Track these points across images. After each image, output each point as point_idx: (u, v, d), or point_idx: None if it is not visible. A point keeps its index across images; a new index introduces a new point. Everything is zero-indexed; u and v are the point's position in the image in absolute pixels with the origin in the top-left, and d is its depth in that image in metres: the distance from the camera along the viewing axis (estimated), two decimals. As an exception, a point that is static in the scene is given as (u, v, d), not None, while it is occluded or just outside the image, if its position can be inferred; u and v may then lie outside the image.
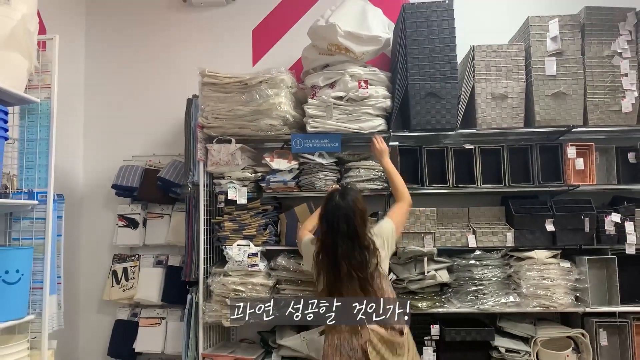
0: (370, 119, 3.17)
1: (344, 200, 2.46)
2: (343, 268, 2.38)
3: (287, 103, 3.14)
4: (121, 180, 3.63)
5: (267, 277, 3.11)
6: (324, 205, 2.54)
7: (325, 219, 2.49)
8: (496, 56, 3.17)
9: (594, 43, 3.14)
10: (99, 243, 3.85)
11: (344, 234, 2.40)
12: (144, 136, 3.88)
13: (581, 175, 3.18)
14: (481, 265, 3.09)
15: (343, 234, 2.40)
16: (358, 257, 2.39)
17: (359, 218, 2.44)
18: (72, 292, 3.68)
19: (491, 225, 3.25)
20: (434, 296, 3.12)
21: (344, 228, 2.40)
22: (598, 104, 3.12)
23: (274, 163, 3.21)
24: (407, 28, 3.14)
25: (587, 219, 3.09)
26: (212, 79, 3.17)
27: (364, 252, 2.41)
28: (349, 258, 2.38)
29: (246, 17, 3.87)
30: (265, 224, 3.24)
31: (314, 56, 3.35)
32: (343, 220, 2.41)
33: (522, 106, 3.16)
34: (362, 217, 2.47)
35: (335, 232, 2.42)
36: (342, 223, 2.41)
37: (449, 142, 3.38)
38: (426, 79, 3.12)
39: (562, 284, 3.03)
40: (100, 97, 3.95)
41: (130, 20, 3.97)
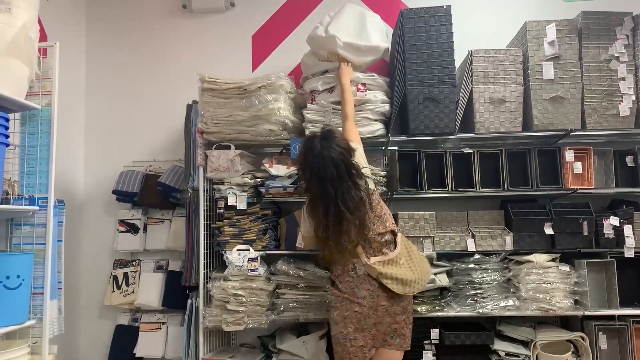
0: (369, 124, 3.19)
1: (327, 146, 2.41)
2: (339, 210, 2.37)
3: (286, 108, 3.15)
4: (121, 185, 3.64)
5: (267, 282, 3.12)
6: (303, 153, 2.48)
7: (308, 169, 2.44)
8: (494, 61, 3.18)
9: (591, 47, 3.15)
10: (99, 248, 3.86)
11: (334, 179, 2.37)
12: (144, 142, 3.89)
13: (579, 178, 3.19)
14: (480, 269, 3.10)
15: (332, 179, 2.37)
16: (355, 195, 2.41)
17: (348, 158, 2.44)
18: (72, 298, 3.69)
19: (490, 229, 3.25)
20: (434, 300, 3.12)
21: (333, 173, 2.37)
22: (596, 107, 3.13)
23: (272, 169, 3.23)
24: (405, 33, 3.16)
25: (585, 222, 3.09)
26: (211, 85, 3.19)
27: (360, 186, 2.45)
28: (345, 200, 2.38)
29: (246, 23, 3.90)
30: (265, 229, 3.25)
31: (313, 62, 3.37)
32: (331, 166, 2.37)
33: (520, 110, 3.17)
34: (350, 153, 2.47)
35: (322, 180, 2.38)
36: (329, 170, 2.37)
37: (448, 147, 3.39)
38: (424, 83, 3.13)
39: (561, 288, 3.03)
40: (100, 103, 3.97)
41: (130, 26, 3.99)
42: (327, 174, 2.36)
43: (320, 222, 2.45)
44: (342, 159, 2.40)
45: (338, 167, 2.37)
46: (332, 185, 2.37)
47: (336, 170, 2.37)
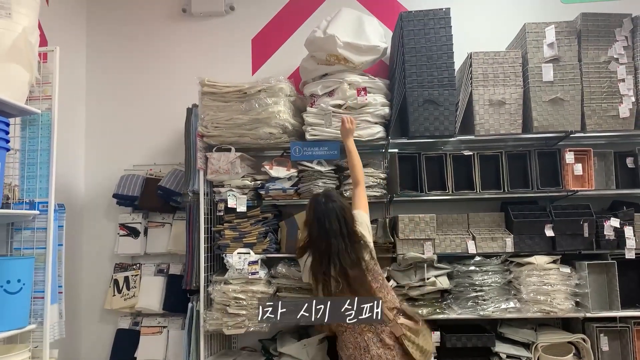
0: (369, 127, 3.19)
1: (331, 201, 2.60)
2: (336, 267, 2.48)
3: (286, 111, 3.16)
4: (122, 189, 3.65)
5: (267, 285, 3.12)
6: (311, 210, 2.64)
7: (317, 222, 2.58)
8: (493, 63, 3.19)
9: (590, 49, 3.15)
10: (100, 252, 3.86)
11: (337, 233, 2.52)
12: (144, 145, 3.90)
13: (580, 180, 3.19)
14: (481, 271, 3.09)
15: (336, 233, 2.52)
16: (352, 254, 2.51)
17: (349, 215, 2.60)
18: (73, 302, 3.68)
19: (491, 231, 3.25)
20: (435, 302, 3.11)
21: (337, 227, 2.52)
22: (595, 109, 3.13)
23: (273, 171, 3.23)
24: (404, 36, 3.17)
25: (586, 224, 3.09)
26: (211, 88, 3.20)
27: (356, 248, 2.55)
28: (342, 257, 2.49)
29: (245, 26, 3.90)
30: (265, 232, 3.25)
31: (312, 66, 3.37)
32: (335, 219, 2.54)
33: (519, 112, 3.17)
34: (351, 214, 2.64)
35: (327, 232, 2.53)
36: (334, 222, 2.53)
37: (448, 149, 3.40)
38: (424, 86, 3.14)
39: (562, 290, 3.03)
40: (100, 107, 3.97)
41: (130, 30, 4.00)
42: (332, 225, 2.53)
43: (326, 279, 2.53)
44: (342, 214, 2.57)
45: (339, 222, 2.55)
46: (335, 238, 2.52)
47: (338, 224, 2.54)
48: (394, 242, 3.19)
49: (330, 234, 2.52)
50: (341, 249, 2.50)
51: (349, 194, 3.18)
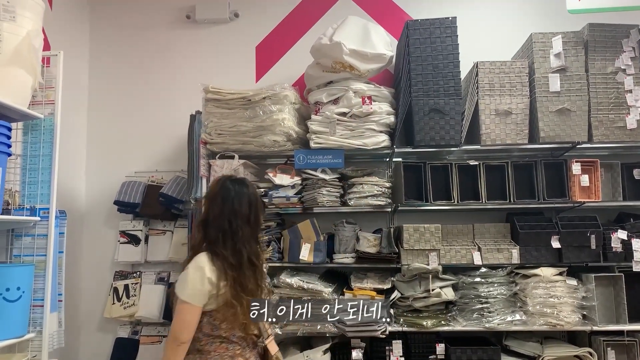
0: (374, 135, 3.17)
1: (246, 186, 2.25)
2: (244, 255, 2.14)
3: (290, 119, 3.13)
4: (123, 196, 3.61)
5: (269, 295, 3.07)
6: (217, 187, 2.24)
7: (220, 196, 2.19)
8: (500, 72, 3.17)
9: (597, 59, 3.14)
10: (100, 260, 3.81)
11: (245, 218, 2.18)
12: (146, 152, 3.87)
13: (586, 191, 3.17)
14: (487, 283, 3.06)
15: (244, 218, 2.17)
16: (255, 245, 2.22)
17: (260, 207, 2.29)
18: (72, 310, 3.63)
19: (496, 242, 3.22)
20: (439, 314, 3.08)
21: (247, 211, 2.19)
22: (602, 120, 3.11)
23: (276, 178, 3.20)
24: (410, 45, 3.15)
25: (593, 236, 3.06)
26: (215, 95, 3.17)
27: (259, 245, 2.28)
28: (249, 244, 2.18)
29: (250, 33, 3.89)
30: (268, 241, 3.21)
31: (317, 74, 3.36)
32: (246, 203, 2.19)
33: (526, 122, 3.15)
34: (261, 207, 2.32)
35: (235, 214, 2.16)
36: (244, 206, 2.18)
37: (453, 158, 3.38)
38: (430, 95, 3.12)
39: (568, 302, 2.99)
40: (103, 113, 3.94)
41: (133, 36, 3.98)
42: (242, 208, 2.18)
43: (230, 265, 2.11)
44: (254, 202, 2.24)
45: (251, 208, 2.21)
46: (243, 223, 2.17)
47: (249, 210, 2.20)
48: (399, 252, 3.15)
49: (237, 216, 2.15)
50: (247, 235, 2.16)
51: (354, 203, 3.16)
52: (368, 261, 3.19)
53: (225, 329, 2.13)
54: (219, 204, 2.19)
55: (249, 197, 2.22)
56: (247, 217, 2.19)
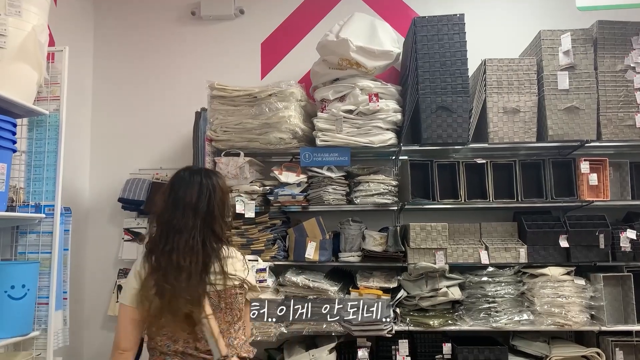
0: (381, 133, 3.14)
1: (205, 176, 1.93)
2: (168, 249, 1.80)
3: (296, 116, 3.11)
4: (127, 193, 3.58)
5: (275, 293, 3.06)
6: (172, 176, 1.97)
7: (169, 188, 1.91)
8: (508, 70, 3.14)
9: (606, 57, 3.10)
10: (104, 257, 3.79)
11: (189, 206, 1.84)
12: (151, 149, 3.83)
13: (595, 190, 3.14)
14: (494, 282, 3.04)
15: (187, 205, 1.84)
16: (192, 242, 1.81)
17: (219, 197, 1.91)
18: (77, 308, 3.62)
19: (504, 241, 3.20)
20: (446, 314, 3.06)
21: (192, 198, 1.85)
22: (611, 118, 3.08)
23: (282, 176, 3.18)
24: (417, 42, 3.12)
25: (602, 235, 3.03)
26: (221, 92, 3.15)
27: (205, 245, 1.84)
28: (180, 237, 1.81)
29: (255, 30, 3.86)
30: (274, 239, 3.19)
31: (324, 71, 3.33)
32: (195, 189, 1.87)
33: (534, 120, 3.12)
34: (223, 201, 1.94)
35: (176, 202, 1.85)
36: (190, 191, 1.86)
37: (460, 157, 3.35)
38: (437, 92, 3.09)
39: (576, 302, 2.96)
40: (107, 110, 3.92)
41: (138, 33, 3.95)
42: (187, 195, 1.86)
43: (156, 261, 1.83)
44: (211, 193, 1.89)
45: (200, 198, 1.87)
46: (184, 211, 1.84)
47: (198, 199, 1.86)
48: (405, 251, 3.13)
49: (179, 203, 1.84)
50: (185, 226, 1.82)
51: (360, 201, 3.13)
52: (374, 260, 3.17)
53: (158, 340, 1.90)
54: (166, 194, 1.90)
55: (201, 186, 1.88)
56: (193, 206, 1.84)
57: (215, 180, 1.95)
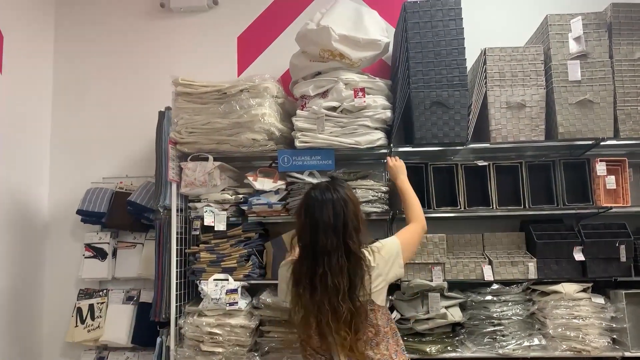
0: (368, 132, 2.81)
1: (330, 192, 2.02)
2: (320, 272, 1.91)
3: (272, 114, 2.76)
4: (87, 204, 3.24)
5: (248, 318, 2.69)
6: (302, 201, 2.08)
7: (304, 208, 2.03)
8: (511, 60, 2.82)
9: (623, 44, 2.79)
10: (64, 276, 3.44)
11: (328, 227, 1.94)
12: (116, 156, 3.51)
13: (613, 195, 2.83)
14: (499, 302, 2.74)
15: (327, 227, 1.94)
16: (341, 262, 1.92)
17: (352, 210, 2.01)
18: (33, 333, 3.31)
19: (510, 255, 2.88)
20: (445, 338, 2.74)
21: (329, 218, 1.95)
22: (630, 113, 2.76)
23: (257, 183, 2.84)
24: (408, 29, 2.81)
25: (622, 246, 2.72)
26: (186, 88, 2.81)
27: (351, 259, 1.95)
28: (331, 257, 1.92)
29: (231, 23, 3.55)
30: (248, 254, 2.83)
31: (303, 64, 3.01)
32: (330, 208, 1.96)
33: (542, 116, 2.81)
34: (357, 211, 2.04)
35: (316, 223, 1.95)
36: (327, 211, 1.96)
37: (459, 159, 3.07)
38: (431, 86, 2.78)
39: (595, 324, 2.66)
40: (69, 113, 3.59)
41: (102, 27, 3.64)
42: (323, 217, 1.96)
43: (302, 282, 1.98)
44: (341, 206, 1.98)
45: (334, 214, 1.96)
46: (325, 234, 1.94)
47: (334, 215, 1.96)
48: (398, 266, 2.77)
49: (318, 225, 1.95)
50: (331, 247, 1.92)
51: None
52: (363, 277, 2.80)
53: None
54: (302, 216, 2.04)
55: (334, 204, 1.98)
56: (332, 227, 1.95)
57: (344, 193, 2.04)
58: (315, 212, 1.97)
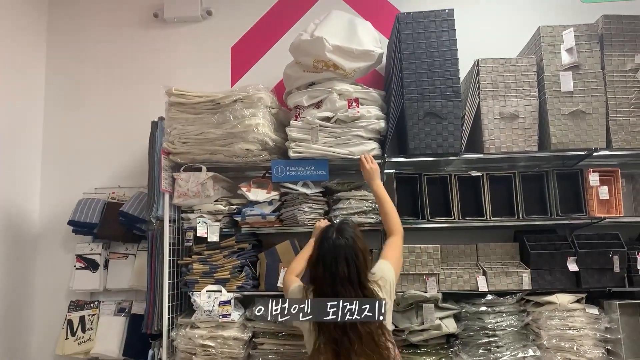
0: (362, 143, 2.80)
1: (342, 237, 2.06)
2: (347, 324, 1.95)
3: (265, 124, 2.75)
4: (79, 215, 3.21)
5: (241, 330, 2.66)
6: (317, 245, 2.11)
7: (321, 262, 2.05)
8: (504, 71, 2.83)
9: (614, 55, 2.80)
10: (55, 288, 3.40)
11: (345, 279, 2.00)
12: (108, 166, 3.47)
13: (606, 205, 2.84)
14: (494, 313, 2.71)
15: (343, 280, 2.00)
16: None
17: (362, 260, 2.06)
18: (24, 346, 3.26)
19: (504, 265, 2.86)
20: (440, 350, 2.71)
21: (345, 272, 2.00)
22: (622, 124, 2.77)
23: (250, 194, 2.81)
24: (402, 40, 2.81)
25: (616, 256, 2.71)
26: (180, 99, 2.80)
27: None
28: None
29: (224, 33, 3.54)
30: (241, 265, 2.80)
31: (297, 74, 3.00)
32: (343, 262, 2.01)
33: (535, 127, 2.81)
34: (365, 258, 2.08)
35: (334, 277, 2.00)
36: (341, 266, 2.00)
37: (453, 169, 3.05)
38: (425, 97, 2.78)
39: (589, 334, 2.64)
40: (61, 123, 3.56)
41: (95, 38, 3.62)
42: (339, 269, 2.00)
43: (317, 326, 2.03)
44: (353, 257, 2.03)
45: (348, 265, 2.02)
46: (343, 286, 2.00)
47: (347, 268, 2.01)
48: (392, 277, 2.75)
49: (336, 279, 2.01)
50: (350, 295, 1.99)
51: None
52: (357, 288, 2.78)
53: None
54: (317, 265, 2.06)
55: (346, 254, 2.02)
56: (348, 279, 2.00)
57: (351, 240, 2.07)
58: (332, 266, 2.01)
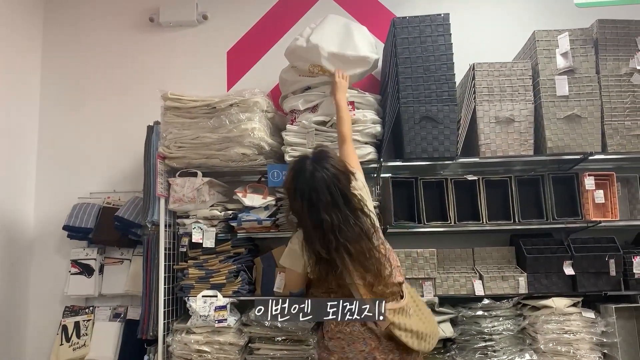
0: (358, 147, 2.78)
1: (320, 169, 1.99)
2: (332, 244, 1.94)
3: (261, 129, 2.74)
4: (74, 220, 3.18)
5: (237, 335, 2.64)
6: (291, 176, 2.05)
7: (298, 193, 2.00)
8: (499, 75, 2.82)
9: (609, 60, 2.80)
10: (49, 293, 3.37)
11: (328, 205, 1.95)
12: (104, 171, 3.46)
13: (601, 209, 2.82)
14: (490, 317, 2.70)
15: (327, 205, 1.95)
16: (355, 227, 1.97)
17: (344, 179, 2.02)
18: (18, 352, 3.23)
19: (500, 269, 2.85)
20: (436, 354, 2.70)
21: (328, 198, 1.95)
22: (617, 127, 2.76)
23: (246, 199, 2.80)
24: (398, 45, 2.80)
25: (612, 260, 2.70)
26: (175, 103, 2.78)
27: (360, 217, 2.01)
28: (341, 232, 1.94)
29: (220, 37, 3.53)
30: (237, 270, 2.79)
31: (293, 78, 2.99)
32: (325, 191, 1.95)
33: (530, 131, 2.80)
34: (347, 178, 2.04)
35: (314, 206, 1.96)
36: (323, 195, 1.95)
37: (449, 173, 3.05)
38: (421, 101, 2.77)
39: (586, 338, 2.63)
40: (56, 127, 3.54)
41: (91, 42, 3.60)
42: (320, 199, 1.95)
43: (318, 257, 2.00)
44: (336, 183, 1.98)
45: (332, 193, 1.96)
46: (327, 213, 1.95)
47: (330, 195, 1.96)
48: (388, 282, 2.74)
49: (320, 209, 1.95)
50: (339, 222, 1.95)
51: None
52: (353, 292, 2.77)
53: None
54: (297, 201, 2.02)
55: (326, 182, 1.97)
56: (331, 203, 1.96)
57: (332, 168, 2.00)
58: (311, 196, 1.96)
